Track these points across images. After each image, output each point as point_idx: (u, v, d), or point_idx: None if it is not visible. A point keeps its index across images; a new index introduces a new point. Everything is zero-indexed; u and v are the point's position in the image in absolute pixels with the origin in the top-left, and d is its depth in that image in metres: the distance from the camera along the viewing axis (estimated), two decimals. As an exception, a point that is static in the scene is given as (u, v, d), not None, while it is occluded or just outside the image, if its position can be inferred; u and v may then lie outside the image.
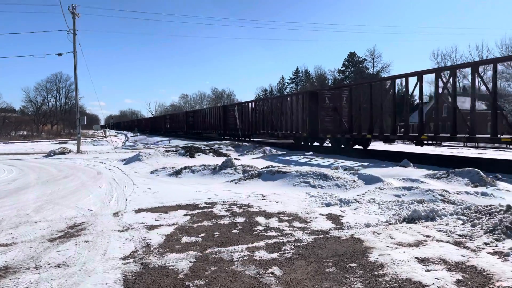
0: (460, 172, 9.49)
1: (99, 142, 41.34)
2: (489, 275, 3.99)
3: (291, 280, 3.99)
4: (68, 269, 4.37)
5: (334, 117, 21.92)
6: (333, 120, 21.94)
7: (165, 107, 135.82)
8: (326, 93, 22.64)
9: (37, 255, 4.93)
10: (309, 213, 6.96)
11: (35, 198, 9.08)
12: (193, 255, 4.82)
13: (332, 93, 22.54)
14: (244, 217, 6.78)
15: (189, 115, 52.26)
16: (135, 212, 7.36)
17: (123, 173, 13.82)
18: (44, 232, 6.02)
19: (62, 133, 71.82)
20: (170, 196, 8.91)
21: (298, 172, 10.45)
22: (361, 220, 6.32)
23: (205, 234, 5.78)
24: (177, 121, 58.91)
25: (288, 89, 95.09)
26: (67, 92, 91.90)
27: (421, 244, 5.04)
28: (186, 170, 12.98)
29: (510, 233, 5.10)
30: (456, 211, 6.36)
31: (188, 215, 7.01)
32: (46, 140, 49.99)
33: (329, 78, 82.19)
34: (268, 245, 5.14)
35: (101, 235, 5.78)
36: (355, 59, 77.51)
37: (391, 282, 3.86)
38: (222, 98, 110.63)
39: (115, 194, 9.35)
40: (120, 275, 4.18)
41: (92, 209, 7.68)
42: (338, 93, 22.35)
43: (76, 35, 27.04)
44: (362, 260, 4.49)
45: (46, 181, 12.03)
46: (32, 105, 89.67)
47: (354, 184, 9.40)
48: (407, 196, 7.80)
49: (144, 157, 17.51)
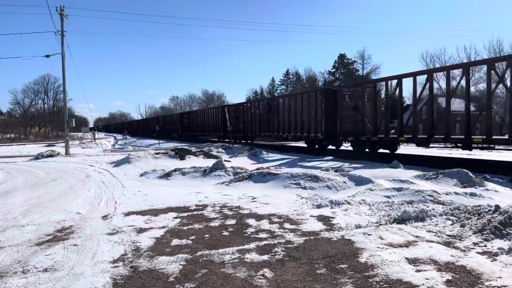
0: (449, 173, 9.57)
1: (88, 144, 40.96)
2: (478, 275, 4.02)
3: (282, 282, 3.98)
4: (56, 273, 4.31)
5: (354, 117, 19.62)
6: (353, 120, 19.66)
7: (155, 109, 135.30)
8: (346, 90, 20.09)
9: (25, 259, 4.85)
10: (300, 214, 6.96)
11: (23, 201, 8.95)
12: (183, 258, 4.78)
13: (352, 90, 19.98)
14: (235, 219, 6.75)
15: (184, 117, 50.33)
16: (124, 215, 7.29)
17: (113, 175, 13.70)
18: (32, 236, 5.94)
19: (50, 135, 71.12)
20: (160, 198, 8.85)
21: (289, 174, 10.46)
22: (351, 221, 6.33)
23: (195, 236, 5.74)
24: (170, 122, 57.19)
25: (279, 90, 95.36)
26: (55, 94, 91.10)
27: (411, 244, 5.06)
28: (176, 172, 12.91)
29: (499, 233, 5.14)
30: (445, 212, 6.41)
31: (178, 218, 6.97)
32: (34, 143, 49.44)
33: (320, 79, 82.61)
34: (259, 247, 5.12)
35: (90, 238, 5.71)
36: (345, 61, 78.06)
37: (382, 283, 3.87)
38: (213, 100, 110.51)
39: (104, 197, 9.25)
40: (109, 279, 4.13)
41: (81, 212, 7.59)
42: (360, 90, 19.91)
43: (64, 37, 26.83)
44: (353, 261, 4.49)
45: (34, 184, 11.87)
46: (20, 108, 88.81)
47: (344, 185, 9.43)
48: (397, 197, 7.84)
49: (133, 160, 17.38)
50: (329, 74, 79.81)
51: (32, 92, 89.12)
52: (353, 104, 19.65)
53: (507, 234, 5.08)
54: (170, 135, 55.82)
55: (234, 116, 33.19)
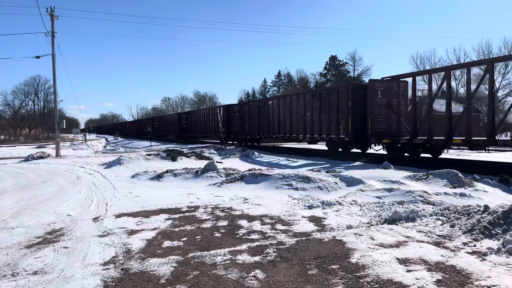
0: (439, 173, 9.64)
1: (79, 146, 40.61)
2: (468, 274, 4.06)
3: (274, 283, 3.99)
4: (46, 276, 4.27)
5: (388, 116, 17.29)
6: (387, 120, 17.32)
7: (146, 111, 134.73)
8: (378, 85, 17.46)
9: (14, 262, 4.80)
10: (291, 215, 6.98)
11: (12, 203, 8.86)
12: (174, 259, 4.77)
13: (385, 85, 17.48)
14: (226, 220, 6.75)
15: (182, 117, 47.38)
16: (115, 217, 7.25)
17: (104, 177, 13.61)
18: (21, 239, 5.88)
19: (40, 137, 70.44)
20: (152, 200, 8.81)
21: (281, 175, 10.47)
22: (343, 222, 6.36)
23: (187, 238, 5.73)
24: (167, 123, 54.02)
25: (271, 92, 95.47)
26: (45, 96, 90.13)
27: (401, 244, 5.10)
28: (168, 173, 12.87)
29: (488, 233, 5.20)
30: (435, 212, 6.46)
31: (170, 219, 6.95)
32: (24, 145, 48.94)
33: (311, 81, 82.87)
34: (250, 248, 5.12)
35: (80, 240, 5.67)
36: (337, 62, 78.30)
37: (373, 283, 3.89)
38: (205, 101, 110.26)
39: (95, 198, 9.19)
40: (100, 281, 4.10)
41: (72, 214, 7.53)
42: (394, 85, 17.57)
43: (54, 37, 26.60)
44: (344, 262, 4.51)
45: (24, 186, 11.76)
46: (10, 109, 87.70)
47: (336, 186, 9.47)
48: (388, 198, 7.89)
49: (125, 161, 17.28)
50: (320, 75, 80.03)
51: (22, 93, 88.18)
52: (386, 101, 17.28)
53: (496, 234, 5.14)
54: (166, 136, 53.40)
55: (239, 116, 31.24)
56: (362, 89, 17.95)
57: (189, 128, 44.85)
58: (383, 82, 17.75)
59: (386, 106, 17.29)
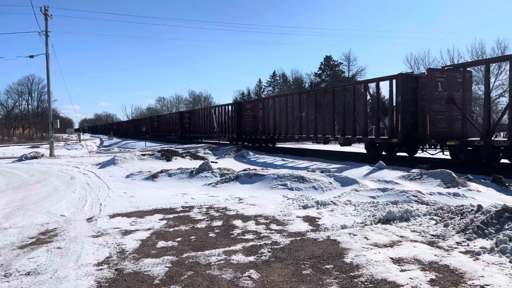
0: (433, 173, 9.70)
1: (73, 146, 40.38)
2: (461, 274, 4.08)
3: (268, 283, 3.99)
4: (39, 277, 4.25)
5: (449, 113, 14.47)
6: (448, 117, 14.51)
7: (141, 110, 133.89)
8: (439, 76, 14.44)
9: (7, 262, 4.77)
10: (286, 215, 6.98)
11: (5, 204, 8.80)
12: (169, 259, 4.76)
13: (447, 75, 14.47)
14: (221, 220, 6.74)
15: (185, 116, 44.23)
16: (109, 217, 7.22)
17: (98, 177, 13.55)
18: (14, 239, 5.84)
19: (34, 137, 70.06)
20: (146, 200, 8.79)
21: (276, 175, 10.48)
22: (337, 221, 6.37)
23: (181, 238, 5.71)
24: (167, 123, 50.57)
25: (266, 92, 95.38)
26: (39, 95, 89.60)
27: (395, 244, 5.12)
28: (162, 174, 12.84)
29: (481, 232, 5.24)
30: (429, 212, 6.50)
31: (164, 220, 6.93)
32: (17, 144, 48.63)
33: (306, 81, 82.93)
34: (245, 248, 5.12)
35: (74, 241, 5.64)
36: (331, 63, 78.36)
37: (367, 282, 3.90)
38: (200, 101, 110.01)
39: (89, 199, 9.15)
40: (94, 282, 4.08)
41: (65, 214, 7.49)
42: (457, 75, 14.56)
43: (48, 37, 26.48)
44: (338, 262, 4.52)
45: (17, 186, 11.68)
46: (3, 109, 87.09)
47: (330, 186, 9.49)
48: (382, 198, 7.92)
49: (119, 161, 17.22)
50: (315, 75, 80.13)
51: (15, 93, 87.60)
52: (447, 95, 14.41)
53: (489, 233, 5.17)
54: (166, 137, 50.89)
55: (251, 115, 28.78)
56: (412, 81, 15.58)
57: (192, 128, 42.06)
58: (444, 71, 14.80)
59: (447, 101, 14.46)
